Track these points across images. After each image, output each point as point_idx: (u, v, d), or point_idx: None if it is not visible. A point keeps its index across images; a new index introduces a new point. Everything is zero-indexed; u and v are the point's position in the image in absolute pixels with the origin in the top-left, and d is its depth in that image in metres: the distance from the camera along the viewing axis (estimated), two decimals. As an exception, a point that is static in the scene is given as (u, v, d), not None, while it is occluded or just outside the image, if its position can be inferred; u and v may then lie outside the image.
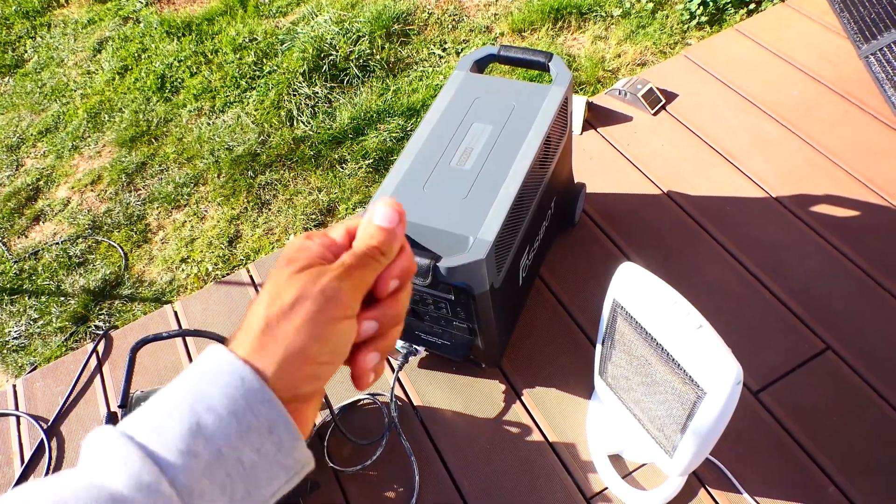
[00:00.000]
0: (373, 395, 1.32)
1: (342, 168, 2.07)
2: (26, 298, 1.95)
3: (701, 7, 2.30)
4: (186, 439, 0.29)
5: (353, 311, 0.35)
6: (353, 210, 1.95)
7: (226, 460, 0.30)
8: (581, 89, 2.15)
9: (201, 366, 0.32)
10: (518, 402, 1.30)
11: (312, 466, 0.35)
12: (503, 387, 1.32)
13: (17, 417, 1.42)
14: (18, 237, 2.16)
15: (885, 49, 1.70)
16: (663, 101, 1.80)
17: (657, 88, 1.81)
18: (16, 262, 2.07)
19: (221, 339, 1.10)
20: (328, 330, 0.33)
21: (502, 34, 2.44)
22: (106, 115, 2.47)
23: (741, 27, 1.97)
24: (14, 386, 1.48)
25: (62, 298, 1.94)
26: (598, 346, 1.10)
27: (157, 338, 1.12)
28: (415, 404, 1.31)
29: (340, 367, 0.36)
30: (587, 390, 1.29)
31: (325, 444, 1.26)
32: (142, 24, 2.81)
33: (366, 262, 0.36)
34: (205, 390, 0.31)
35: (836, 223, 1.48)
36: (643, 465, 1.18)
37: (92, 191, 2.23)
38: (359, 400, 1.32)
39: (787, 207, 1.52)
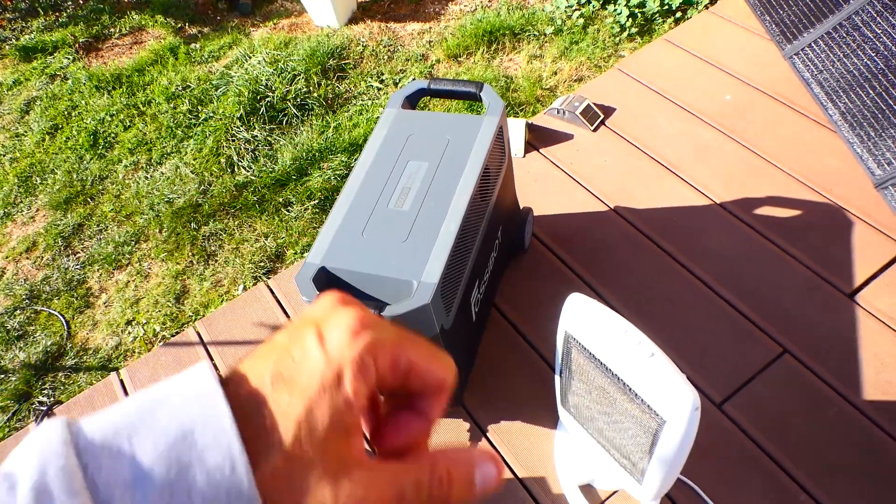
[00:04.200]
0: (334, 449, 1.26)
1: (288, 211, 2.03)
2: (-37, 380, 1.84)
3: (630, 19, 2.34)
4: None
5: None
6: (302, 255, 1.90)
7: None
8: (521, 110, 2.16)
9: (204, 437, 0.25)
10: (484, 438, 1.26)
11: None
12: (468, 425, 1.28)
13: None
14: (-49, 315, 2.04)
15: (807, 48, 1.74)
16: (602, 116, 1.81)
17: (594, 104, 1.82)
18: (-50, 341, 1.95)
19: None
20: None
21: (438, 61, 2.44)
22: (38, 178, 2.37)
23: (670, 36, 2.00)
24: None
25: (2, 376, 1.83)
26: (557, 377, 1.08)
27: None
28: (378, 454, 1.26)
29: None
30: (553, 420, 1.26)
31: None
32: (70, 81, 2.73)
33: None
34: (190, 462, 0.24)
35: (779, 224, 1.49)
36: (615, 492, 1.16)
37: (27, 258, 2.13)
38: (320, 456, 1.26)
39: (732, 212, 1.53)
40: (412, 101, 1.30)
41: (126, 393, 1.48)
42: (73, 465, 0.24)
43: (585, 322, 0.92)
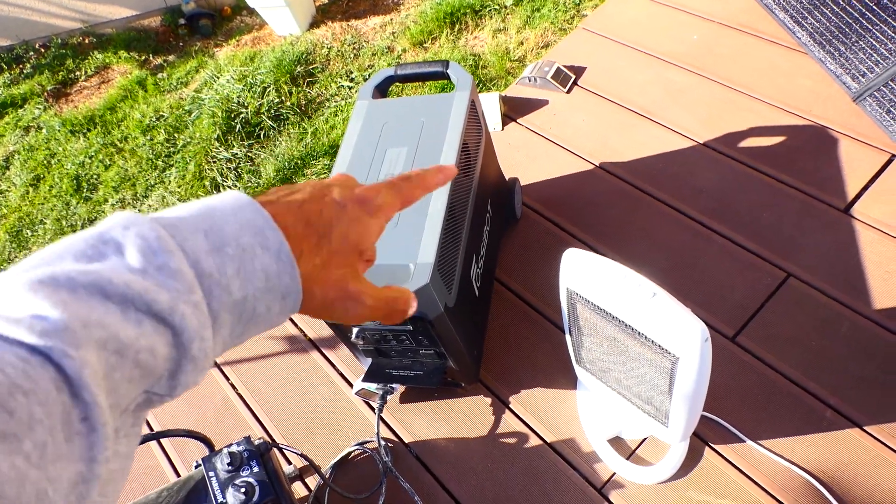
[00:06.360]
0: (360, 444, 1.27)
1: (280, 222, 2.03)
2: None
3: (587, -23, 2.33)
4: (231, 277, 0.33)
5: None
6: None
7: (245, 306, 0.34)
8: (493, 85, 2.15)
9: (253, 225, 0.35)
10: (507, 410, 1.27)
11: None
12: (489, 400, 1.29)
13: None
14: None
15: (766, -25, 1.73)
16: (573, 77, 1.81)
17: (564, 66, 1.81)
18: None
19: (182, 435, 1.00)
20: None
21: (404, 51, 2.43)
22: (28, 231, 2.38)
23: (628, -13, 1.99)
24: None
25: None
26: (568, 336, 1.09)
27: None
28: (406, 442, 1.27)
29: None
30: (571, 380, 1.27)
31: (326, 508, 1.21)
32: (44, 130, 2.73)
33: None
34: (255, 252, 0.34)
35: (764, 152, 1.49)
36: (644, 439, 1.17)
37: (32, 311, 2.14)
38: (348, 454, 1.27)
39: (716, 149, 1.53)
40: (382, 90, 1.30)
41: (147, 423, 1.49)
42: (165, 235, 0.30)
43: (584, 275, 0.92)
